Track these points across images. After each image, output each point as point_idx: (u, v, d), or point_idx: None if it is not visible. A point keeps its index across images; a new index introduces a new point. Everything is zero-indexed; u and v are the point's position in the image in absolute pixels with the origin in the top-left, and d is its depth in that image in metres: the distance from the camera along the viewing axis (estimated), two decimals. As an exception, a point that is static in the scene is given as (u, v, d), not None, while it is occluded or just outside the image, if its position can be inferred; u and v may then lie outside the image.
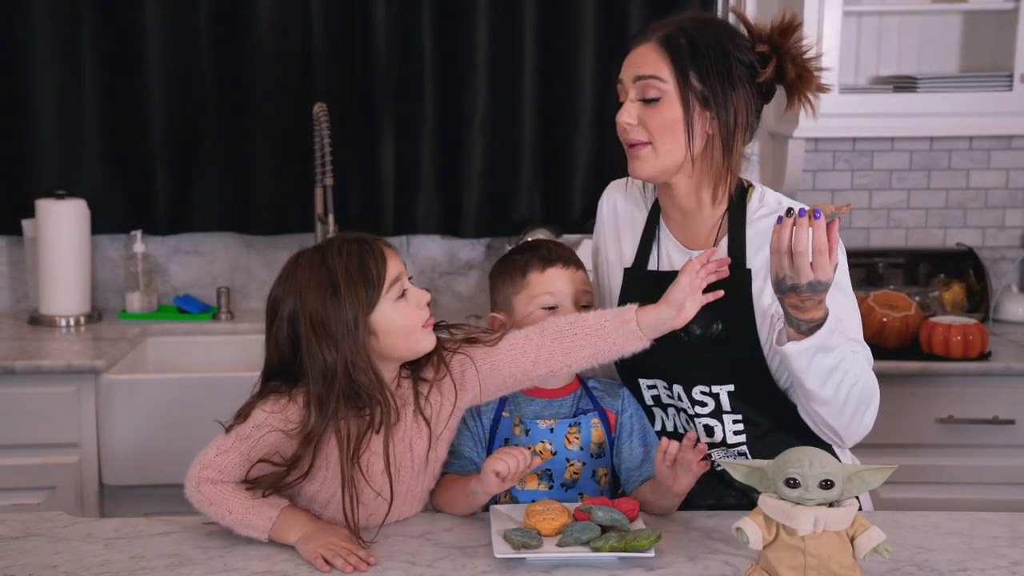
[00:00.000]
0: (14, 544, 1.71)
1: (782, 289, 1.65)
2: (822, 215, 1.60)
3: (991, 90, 3.00)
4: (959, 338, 2.74)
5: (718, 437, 1.85)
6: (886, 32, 3.24)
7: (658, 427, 1.93)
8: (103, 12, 3.14)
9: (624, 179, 2.00)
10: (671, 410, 1.90)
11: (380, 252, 1.73)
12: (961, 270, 3.18)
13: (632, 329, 1.75)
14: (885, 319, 2.80)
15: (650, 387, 1.90)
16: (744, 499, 1.84)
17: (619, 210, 2.00)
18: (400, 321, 1.73)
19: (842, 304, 1.76)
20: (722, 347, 1.80)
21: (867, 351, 1.81)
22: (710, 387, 1.83)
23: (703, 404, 1.84)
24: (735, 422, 1.84)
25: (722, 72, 1.77)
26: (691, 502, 1.81)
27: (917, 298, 3.03)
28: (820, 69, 1.84)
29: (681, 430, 1.89)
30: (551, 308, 1.87)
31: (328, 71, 3.19)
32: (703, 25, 1.81)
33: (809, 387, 1.72)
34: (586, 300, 1.89)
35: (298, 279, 1.72)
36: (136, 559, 1.65)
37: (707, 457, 1.72)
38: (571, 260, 1.91)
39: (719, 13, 3.13)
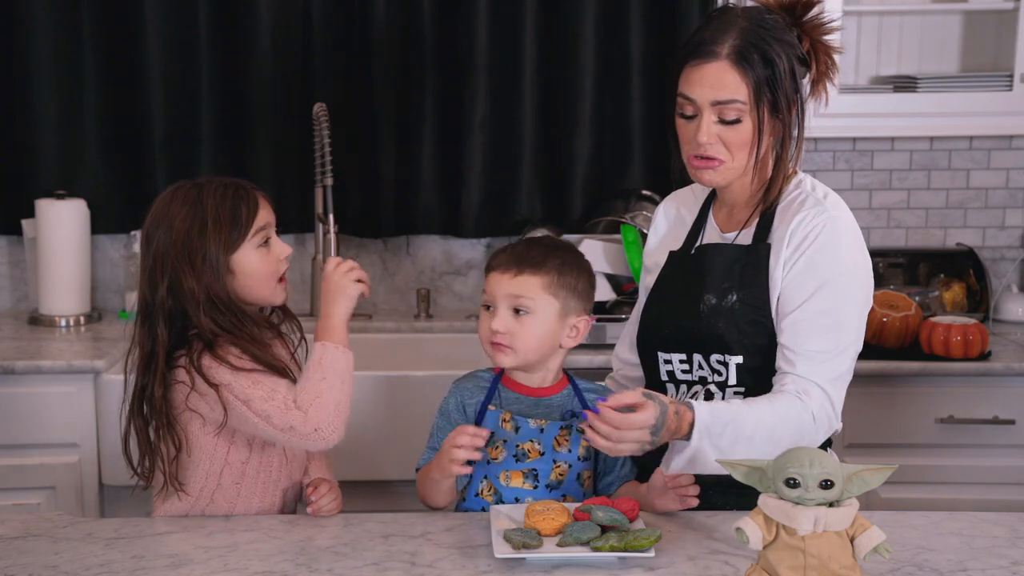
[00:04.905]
0: (14, 544, 1.71)
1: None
2: (597, 409, 1.67)
3: (991, 90, 3.00)
4: (959, 338, 2.73)
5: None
6: (886, 32, 3.24)
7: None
8: (103, 12, 3.14)
9: (679, 190, 2.07)
10: (683, 386, 1.93)
11: (254, 199, 1.87)
12: (961, 270, 3.18)
13: None
14: (885, 319, 2.79)
15: (666, 362, 1.94)
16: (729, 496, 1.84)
17: (680, 215, 2.05)
18: (259, 267, 1.87)
19: (835, 316, 1.81)
20: (735, 317, 1.85)
21: (824, 378, 1.80)
22: (724, 356, 1.87)
23: (719, 373, 1.88)
24: (736, 393, 1.88)
25: (789, 80, 1.82)
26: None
27: (917, 298, 3.03)
28: (834, 30, 1.88)
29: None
30: (488, 307, 1.88)
31: (328, 71, 3.19)
32: (764, 29, 1.82)
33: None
34: (519, 304, 1.83)
35: (171, 211, 1.83)
36: (136, 559, 1.65)
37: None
38: (515, 264, 1.85)
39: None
